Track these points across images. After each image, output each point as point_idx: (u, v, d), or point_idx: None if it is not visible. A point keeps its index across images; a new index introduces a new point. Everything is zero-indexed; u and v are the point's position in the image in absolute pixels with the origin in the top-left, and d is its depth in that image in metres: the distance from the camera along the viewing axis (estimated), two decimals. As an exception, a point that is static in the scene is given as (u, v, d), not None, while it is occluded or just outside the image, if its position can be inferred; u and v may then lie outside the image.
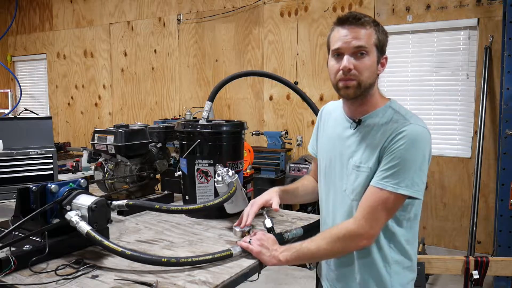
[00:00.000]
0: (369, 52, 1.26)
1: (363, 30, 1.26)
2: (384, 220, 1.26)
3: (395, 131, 1.24)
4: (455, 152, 4.01)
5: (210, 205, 1.48)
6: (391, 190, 1.22)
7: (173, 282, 1.17)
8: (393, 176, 1.22)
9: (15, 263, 1.19)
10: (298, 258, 1.31)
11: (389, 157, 1.23)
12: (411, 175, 1.22)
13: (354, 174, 1.32)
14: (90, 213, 1.30)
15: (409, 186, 1.22)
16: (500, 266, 2.16)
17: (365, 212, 1.25)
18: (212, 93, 1.82)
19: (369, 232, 1.25)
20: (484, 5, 3.77)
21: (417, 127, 1.24)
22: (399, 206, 1.27)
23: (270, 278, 3.61)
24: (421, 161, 1.23)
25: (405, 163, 1.21)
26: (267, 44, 4.82)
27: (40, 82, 6.91)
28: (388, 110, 1.32)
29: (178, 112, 5.50)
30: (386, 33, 1.32)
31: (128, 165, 1.98)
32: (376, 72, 1.30)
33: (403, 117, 1.28)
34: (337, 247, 1.28)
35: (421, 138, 1.23)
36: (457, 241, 4.04)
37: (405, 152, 1.22)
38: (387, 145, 1.25)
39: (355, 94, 1.30)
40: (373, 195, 1.25)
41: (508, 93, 3.09)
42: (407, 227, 1.33)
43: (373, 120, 1.32)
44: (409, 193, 1.23)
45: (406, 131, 1.23)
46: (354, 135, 1.35)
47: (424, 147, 1.23)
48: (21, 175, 2.10)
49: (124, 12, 5.81)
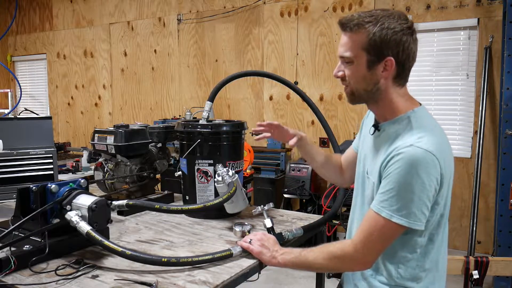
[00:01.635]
0: (353, 60, 1.18)
1: (350, 36, 1.18)
2: (382, 248, 1.19)
3: (395, 150, 1.14)
4: (455, 152, 4.01)
5: (210, 205, 1.49)
6: (385, 217, 1.13)
7: (173, 282, 1.17)
8: (389, 202, 1.13)
9: (15, 263, 1.20)
10: (295, 264, 1.30)
11: (387, 179, 1.14)
12: (408, 204, 1.11)
13: (367, 182, 1.29)
14: (90, 213, 1.30)
15: (405, 216, 1.12)
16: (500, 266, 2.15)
17: (362, 237, 1.19)
18: (212, 93, 1.82)
19: (366, 258, 1.20)
20: (484, 5, 3.77)
21: (418, 151, 1.10)
22: (396, 236, 1.17)
23: (270, 278, 3.61)
24: (420, 189, 1.10)
25: (402, 189, 1.11)
26: (267, 44, 4.82)
27: (40, 82, 6.91)
28: (404, 121, 1.20)
29: (178, 112, 5.50)
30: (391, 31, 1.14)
31: (128, 165, 1.98)
32: (372, 78, 1.19)
33: (411, 133, 1.16)
34: (332, 265, 1.25)
35: (419, 163, 1.10)
36: (457, 241, 4.04)
37: (401, 177, 1.11)
38: (386, 165, 1.16)
39: (350, 101, 1.27)
40: (370, 219, 1.17)
41: (508, 93, 3.09)
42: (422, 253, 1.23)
43: (389, 130, 1.23)
44: (405, 224, 1.13)
45: (403, 153, 1.11)
46: (372, 141, 1.30)
47: (423, 174, 1.10)
48: (21, 175, 2.10)
49: (124, 12, 5.81)
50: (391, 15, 1.17)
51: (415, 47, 1.20)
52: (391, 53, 1.16)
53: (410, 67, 1.22)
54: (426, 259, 1.24)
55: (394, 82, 1.21)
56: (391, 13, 1.18)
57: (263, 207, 1.57)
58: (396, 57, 1.17)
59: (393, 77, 1.20)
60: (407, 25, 1.16)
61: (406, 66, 1.20)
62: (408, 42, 1.17)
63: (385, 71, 1.18)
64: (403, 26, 1.16)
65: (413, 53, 1.20)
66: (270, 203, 1.59)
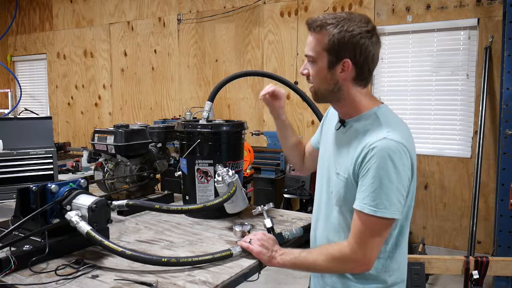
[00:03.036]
0: (315, 59, 1.24)
1: (314, 36, 1.23)
2: (377, 245, 1.20)
3: (367, 145, 1.17)
4: (455, 152, 4.01)
5: (210, 205, 1.49)
6: (370, 213, 1.15)
7: (173, 282, 1.17)
8: (371, 197, 1.15)
9: (15, 263, 1.20)
10: (294, 265, 1.31)
11: (364, 175, 1.17)
12: (389, 195, 1.14)
13: (335, 179, 1.28)
14: (90, 213, 1.30)
15: (387, 207, 1.15)
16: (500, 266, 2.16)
17: (356, 237, 1.19)
18: (212, 93, 1.82)
19: (365, 258, 1.20)
20: (484, 5, 3.77)
21: (391, 143, 1.15)
22: (387, 228, 1.19)
23: (270, 278, 3.61)
24: (397, 179, 1.14)
25: (380, 182, 1.14)
26: (267, 44, 4.82)
27: (40, 82, 6.91)
28: (370, 117, 1.24)
29: (178, 112, 5.50)
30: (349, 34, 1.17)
31: (128, 165, 1.98)
32: (332, 78, 1.23)
33: (381, 128, 1.19)
34: (332, 267, 1.26)
35: (393, 154, 1.14)
36: (457, 241, 4.04)
37: (378, 170, 1.14)
38: (361, 161, 1.18)
39: (315, 99, 1.33)
40: (359, 220, 1.19)
41: (508, 93, 3.09)
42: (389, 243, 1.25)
43: (356, 126, 1.26)
44: (389, 216, 1.15)
45: (377, 147, 1.15)
46: (338, 137, 1.31)
47: (398, 164, 1.14)
48: (21, 175, 2.10)
49: (124, 12, 5.81)
50: (352, 18, 1.20)
51: (374, 50, 1.22)
52: (348, 55, 1.20)
53: (371, 69, 1.24)
54: (398, 252, 1.27)
55: (355, 82, 1.24)
56: (353, 16, 1.21)
57: (263, 207, 1.56)
58: (353, 59, 1.20)
59: (353, 78, 1.23)
60: (366, 28, 1.19)
61: (365, 68, 1.22)
62: (366, 45, 1.19)
63: (343, 72, 1.22)
64: (361, 30, 1.19)
65: (372, 55, 1.22)
66: (270, 203, 1.59)
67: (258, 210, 1.56)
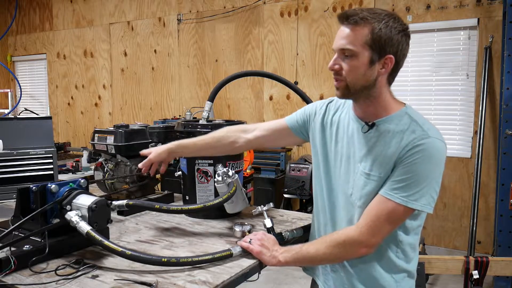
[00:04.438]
0: (355, 53, 1.17)
1: (353, 29, 1.17)
2: (387, 231, 1.22)
3: (412, 142, 1.17)
4: (455, 152, 4.01)
5: (210, 205, 1.49)
6: (399, 203, 1.17)
7: (173, 282, 1.17)
8: (403, 189, 1.17)
9: (15, 263, 1.19)
10: (297, 260, 1.31)
11: (403, 169, 1.18)
12: (424, 189, 1.17)
13: (363, 181, 1.26)
14: (90, 213, 1.30)
15: (418, 199, 1.17)
16: (500, 266, 2.16)
17: (368, 220, 1.21)
18: (212, 93, 1.82)
19: (370, 241, 1.21)
20: (484, 5, 3.77)
21: (437, 142, 1.18)
22: (405, 219, 1.22)
23: (270, 278, 3.61)
24: (437, 176, 1.19)
25: (419, 177, 1.17)
26: (267, 44, 4.82)
27: (40, 82, 6.91)
28: (404, 117, 1.23)
29: (178, 112, 5.50)
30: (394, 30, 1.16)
31: (128, 165, 1.98)
32: (371, 74, 1.19)
33: (421, 127, 1.20)
34: (335, 253, 1.25)
35: (439, 153, 1.18)
36: (457, 241, 4.04)
37: (420, 166, 1.16)
38: (402, 156, 1.18)
39: (343, 95, 1.25)
40: (380, 204, 1.20)
41: (508, 93, 3.09)
42: (413, 234, 1.29)
43: (388, 126, 1.24)
44: (418, 208, 1.18)
45: (424, 144, 1.16)
46: (366, 139, 1.27)
47: (441, 163, 1.19)
48: (21, 175, 2.10)
49: (124, 12, 5.81)
50: (392, 15, 1.19)
51: (408, 50, 1.23)
52: (392, 51, 1.18)
53: (401, 68, 1.25)
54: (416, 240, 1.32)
55: (387, 80, 1.24)
56: (392, 13, 1.21)
57: (263, 207, 1.56)
58: (395, 56, 1.19)
59: (388, 75, 1.23)
60: (406, 26, 1.20)
61: (399, 66, 1.23)
62: (406, 43, 1.20)
63: (384, 69, 1.20)
64: (403, 27, 1.19)
65: (406, 55, 1.23)
66: (270, 203, 1.59)
67: (258, 210, 1.56)
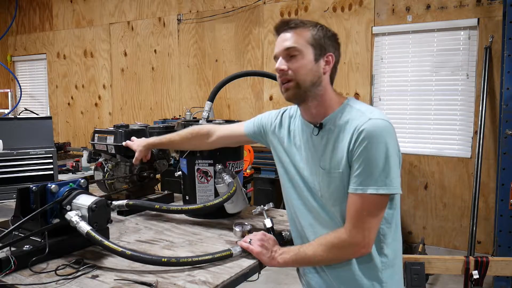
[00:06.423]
0: (301, 51, 1.24)
1: (294, 32, 1.25)
2: (374, 225, 1.21)
3: (356, 130, 1.19)
4: (455, 152, 4.01)
5: (210, 205, 1.49)
6: (371, 193, 1.17)
7: (173, 282, 1.17)
8: (367, 179, 1.18)
9: (15, 263, 1.20)
10: (296, 261, 1.31)
11: (358, 159, 1.19)
12: (384, 173, 1.17)
13: (327, 180, 1.27)
14: (90, 213, 1.30)
15: (386, 184, 1.17)
16: (500, 266, 2.16)
17: (353, 221, 1.21)
18: (212, 93, 1.82)
19: (364, 240, 1.21)
20: (484, 5, 3.77)
21: (378, 121, 1.18)
22: (384, 207, 1.22)
23: (270, 278, 3.61)
24: (390, 154, 1.17)
25: (374, 162, 1.17)
26: (267, 44, 4.82)
27: (40, 82, 6.91)
28: (346, 108, 1.27)
29: (178, 112, 5.50)
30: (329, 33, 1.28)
31: (128, 165, 1.98)
32: (317, 70, 1.25)
33: (362, 112, 1.23)
34: (332, 255, 1.25)
35: (381, 131, 1.17)
36: (457, 241, 4.04)
37: (371, 151, 1.17)
38: (352, 147, 1.20)
39: (295, 96, 1.27)
40: (355, 202, 1.20)
41: (508, 93, 3.09)
42: (393, 223, 1.28)
43: (334, 122, 1.27)
44: (388, 191, 1.18)
45: (366, 128, 1.17)
46: (319, 140, 1.30)
47: (390, 140, 1.18)
48: (21, 175, 2.10)
49: (124, 12, 5.81)
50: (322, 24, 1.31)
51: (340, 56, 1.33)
52: (331, 50, 1.28)
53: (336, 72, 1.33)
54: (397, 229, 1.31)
55: (330, 79, 1.31)
56: None
57: (263, 207, 1.57)
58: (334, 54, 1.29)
59: (330, 74, 1.30)
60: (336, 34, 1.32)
61: (337, 66, 1.32)
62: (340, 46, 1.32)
63: (327, 65, 1.28)
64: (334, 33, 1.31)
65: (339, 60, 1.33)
66: (270, 203, 1.59)
67: (258, 210, 1.57)
